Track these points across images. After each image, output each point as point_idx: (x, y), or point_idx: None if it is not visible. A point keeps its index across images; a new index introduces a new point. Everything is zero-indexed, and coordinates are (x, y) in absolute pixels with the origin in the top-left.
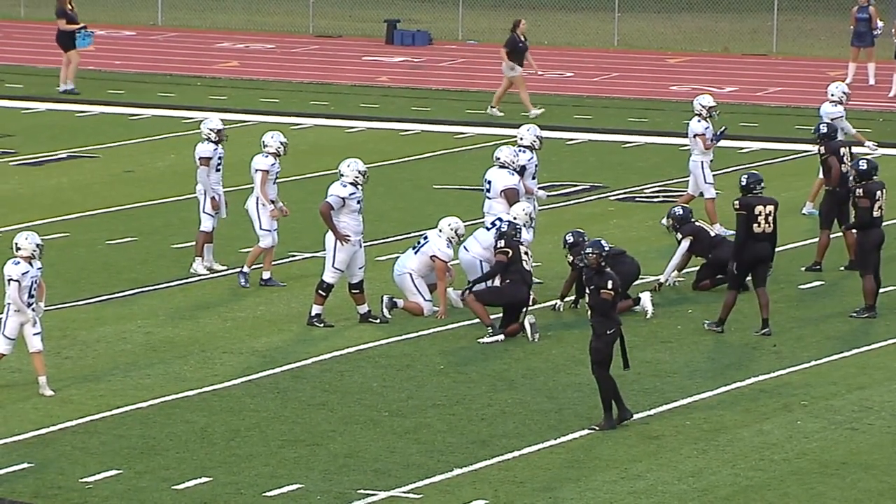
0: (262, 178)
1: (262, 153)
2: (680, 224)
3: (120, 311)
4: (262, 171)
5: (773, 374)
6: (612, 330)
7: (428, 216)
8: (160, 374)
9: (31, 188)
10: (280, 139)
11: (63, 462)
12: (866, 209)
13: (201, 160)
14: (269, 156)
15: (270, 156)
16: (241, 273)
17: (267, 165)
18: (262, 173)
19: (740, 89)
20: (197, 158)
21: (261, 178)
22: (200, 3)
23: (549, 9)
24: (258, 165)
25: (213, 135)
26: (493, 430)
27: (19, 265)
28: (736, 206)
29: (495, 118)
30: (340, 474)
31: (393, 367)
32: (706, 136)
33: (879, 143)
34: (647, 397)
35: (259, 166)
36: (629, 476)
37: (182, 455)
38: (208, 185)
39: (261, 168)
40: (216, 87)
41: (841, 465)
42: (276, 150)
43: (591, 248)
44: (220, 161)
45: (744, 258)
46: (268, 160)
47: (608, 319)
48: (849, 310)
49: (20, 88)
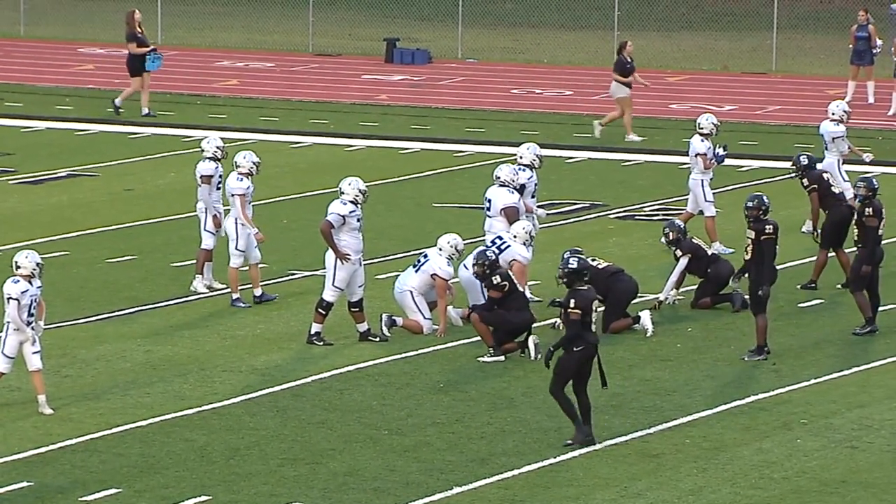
0: (241, 202)
1: (236, 174)
2: (678, 241)
3: (120, 330)
4: (238, 195)
5: (773, 393)
6: (581, 347)
7: (428, 234)
8: (160, 393)
9: (31, 206)
10: (252, 159)
11: (62, 480)
12: (874, 228)
13: (203, 178)
14: (243, 178)
15: (244, 177)
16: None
17: (243, 189)
18: (240, 197)
19: (739, 107)
20: (198, 177)
21: (240, 203)
22: (200, 21)
23: (549, 27)
24: (235, 190)
25: (220, 153)
26: (492, 449)
27: (19, 283)
28: (769, 230)
29: (635, 143)
30: (340, 493)
31: (392, 386)
32: (707, 155)
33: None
34: (647, 415)
35: (236, 191)
36: (629, 495)
37: (181, 473)
38: (210, 203)
39: (237, 193)
40: (216, 105)
41: (841, 484)
42: (248, 169)
43: (560, 265)
44: (220, 179)
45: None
46: (243, 183)
47: (578, 337)
48: (847, 328)
49: (20, 107)
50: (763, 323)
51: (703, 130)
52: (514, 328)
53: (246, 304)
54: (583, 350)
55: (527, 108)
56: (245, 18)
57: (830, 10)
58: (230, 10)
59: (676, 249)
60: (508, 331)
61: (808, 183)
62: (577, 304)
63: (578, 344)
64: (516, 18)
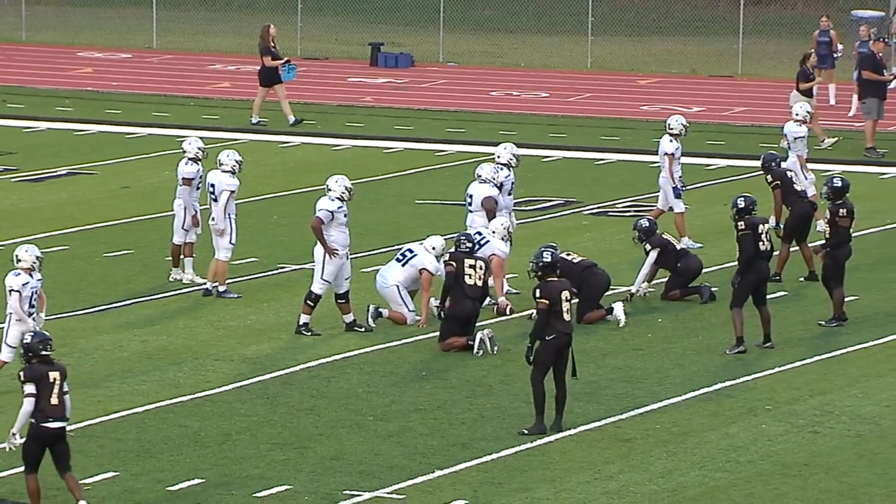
0: (230, 197)
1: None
2: (647, 236)
3: (117, 321)
4: (228, 191)
5: (739, 380)
6: (553, 336)
7: (411, 230)
8: (155, 381)
9: (32, 203)
10: (235, 157)
11: None
12: (846, 228)
13: (185, 180)
14: (233, 175)
15: (227, 173)
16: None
17: (234, 186)
18: (229, 192)
19: (707, 109)
20: (180, 178)
21: (227, 197)
22: (193, 26)
23: (526, 32)
24: (229, 186)
25: (201, 153)
26: (472, 434)
27: (20, 276)
28: (741, 226)
29: (833, 146)
30: (327, 476)
31: (377, 374)
32: (675, 156)
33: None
34: (619, 402)
35: (227, 188)
36: (602, 477)
37: (176, 458)
38: (189, 202)
39: (228, 189)
40: (208, 107)
41: (803, 467)
42: (231, 167)
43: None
44: (200, 179)
45: (751, 277)
46: (234, 180)
47: (549, 326)
48: (810, 319)
49: (21, 108)
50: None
51: (672, 131)
52: (457, 319)
53: (236, 294)
54: (554, 339)
55: (505, 110)
56: (236, 24)
57: (793, 16)
58: (222, 17)
59: (646, 244)
60: (457, 322)
61: (772, 179)
62: (542, 295)
63: (549, 333)
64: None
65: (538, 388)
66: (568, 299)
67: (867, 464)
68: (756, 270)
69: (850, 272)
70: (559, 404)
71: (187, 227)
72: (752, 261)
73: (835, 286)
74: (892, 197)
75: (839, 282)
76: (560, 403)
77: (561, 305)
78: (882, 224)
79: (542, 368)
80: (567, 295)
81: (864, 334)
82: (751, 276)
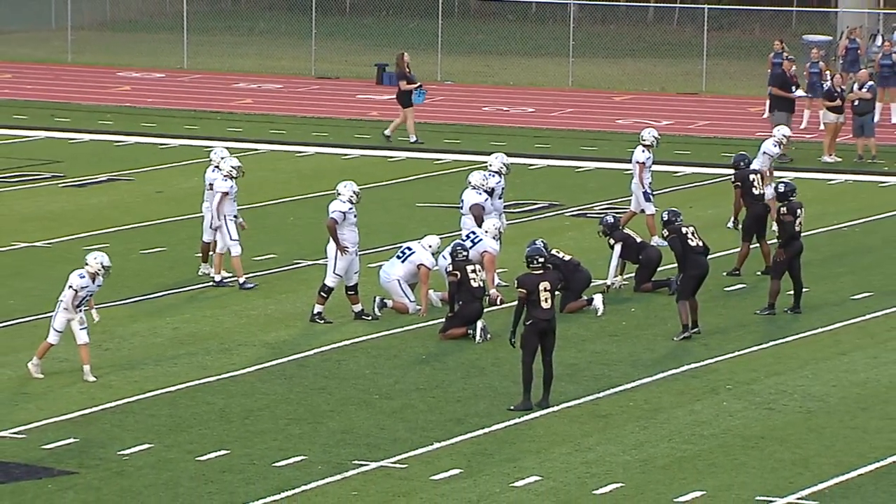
0: (224, 199)
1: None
2: (611, 230)
3: (151, 310)
4: (220, 192)
5: (703, 363)
6: (530, 322)
7: (412, 230)
8: (185, 363)
9: (76, 206)
10: (231, 163)
11: (103, 437)
12: (790, 223)
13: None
14: (227, 178)
15: (228, 179)
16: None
17: (226, 188)
18: (223, 195)
19: (675, 122)
20: (208, 184)
21: (219, 199)
22: (220, 49)
23: (514, 54)
24: (220, 188)
25: (234, 172)
26: (466, 410)
27: (83, 279)
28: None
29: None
30: (338, 447)
31: (382, 357)
32: (646, 164)
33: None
34: (597, 382)
35: (220, 189)
36: (581, 449)
37: (204, 431)
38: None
39: (220, 191)
40: (233, 120)
41: (760, 440)
42: (227, 172)
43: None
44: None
45: (692, 272)
46: (227, 183)
47: (527, 313)
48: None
49: (67, 122)
50: (684, 308)
51: (645, 142)
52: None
53: (253, 284)
54: (532, 324)
55: (496, 123)
56: (258, 47)
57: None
58: (245, 41)
59: (610, 238)
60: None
61: (734, 179)
62: (519, 285)
63: (527, 319)
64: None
65: (525, 369)
66: (547, 289)
67: (817, 437)
68: (695, 265)
69: (801, 267)
70: (546, 383)
71: (215, 227)
72: (687, 257)
73: (773, 277)
74: (840, 201)
75: (778, 275)
76: (546, 383)
77: (538, 295)
78: (830, 224)
79: (529, 351)
80: (546, 286)
81: (813, 322)
82: (692, 272)
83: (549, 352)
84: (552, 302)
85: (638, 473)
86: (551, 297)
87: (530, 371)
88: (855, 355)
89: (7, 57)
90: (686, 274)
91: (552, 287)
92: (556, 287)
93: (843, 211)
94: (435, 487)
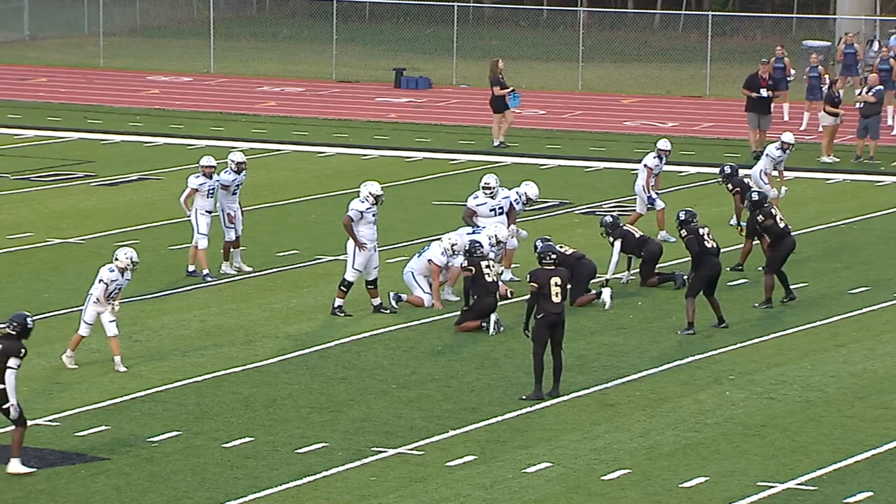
0: (189, 193)
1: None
2: (611, 229)
3: (179, 304)
4: (192, 188)
5: (707, 354)
6: (541, 315)
7: (428, 227)
8: (212, 354)
9: (108, 204)
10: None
11: (133, 425)
12: (773, 225)
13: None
14: (199, 175)
15: (201, 175)
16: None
17: (225, 181)
18: (192, 190)
19: (680, 124)
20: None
21: (188, 193)
22: (245, 54)
23: (527, 59)
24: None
25: (234, 166)
26: (481, 400)
27: (113, 273)
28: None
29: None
30: (357, 435)
31: (400, 349)
32: (653, 171)
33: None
34: (605, 372)
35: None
36: (590, 436)
37: (230, 419)
38: (225, 205)
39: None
40: (257, 122)
41: (761, 428)
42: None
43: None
44: (237, 186)
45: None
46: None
47: (538, 306)
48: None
49: (99, 124)
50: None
51: (662, 149)
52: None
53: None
54: (543, 317)
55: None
56: (281, 52)
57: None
58: (269, 46)
59: (610, 236)
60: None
61: (732, 187)
62: (531, 280)
63: (539, 312)
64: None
65: (536, 360)
66: (558, 284)
67: (815, 425)
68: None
69: (799, 263)
70: (556, 374)
71: (228, 225)
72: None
73: (767, 273)
74: (837, 199)
75: (772, 270)
76: (556, 373)
77: (549, 289)
78: (828, 222)
79: (540, 343)
80: (557, 281)
81: (812, 315)
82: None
83: (559, 343)
84: (563, 296)
85: (644, 460)
86: (562, 291)
87: (541, 362)
88: (852, 347)
89: (42, 62)
90: (698, 274)
91: (563, 282)
92: (566, 282)
93: (841, 209)
94: (450, 473)
